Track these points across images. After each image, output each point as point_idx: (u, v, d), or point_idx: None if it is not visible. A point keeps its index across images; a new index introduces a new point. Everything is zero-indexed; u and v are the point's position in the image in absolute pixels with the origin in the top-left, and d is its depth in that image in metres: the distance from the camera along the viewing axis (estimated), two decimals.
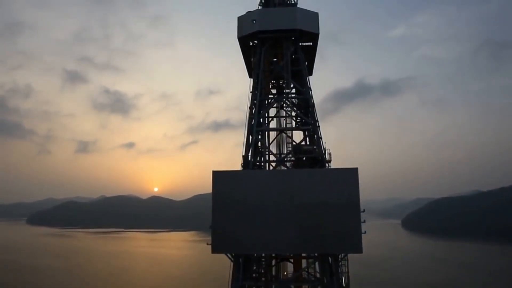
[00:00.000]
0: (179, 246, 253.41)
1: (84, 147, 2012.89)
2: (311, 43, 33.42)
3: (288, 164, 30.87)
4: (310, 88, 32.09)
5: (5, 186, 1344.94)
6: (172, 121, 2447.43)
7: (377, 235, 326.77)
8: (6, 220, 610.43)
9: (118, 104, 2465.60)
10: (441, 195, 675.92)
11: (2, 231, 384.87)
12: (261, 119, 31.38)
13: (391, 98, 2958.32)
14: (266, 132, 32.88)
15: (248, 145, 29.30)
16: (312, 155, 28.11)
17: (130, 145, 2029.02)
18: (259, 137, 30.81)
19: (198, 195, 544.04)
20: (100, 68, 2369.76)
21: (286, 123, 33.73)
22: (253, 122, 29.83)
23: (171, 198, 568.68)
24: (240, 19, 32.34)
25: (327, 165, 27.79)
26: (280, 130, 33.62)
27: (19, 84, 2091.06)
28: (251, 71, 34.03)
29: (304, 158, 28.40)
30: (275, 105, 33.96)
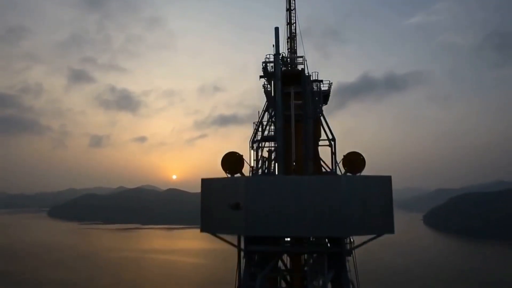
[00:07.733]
0: (195, 250, 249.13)
1: (97, 141, 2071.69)
2: None
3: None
4: None
5: (28, 178, 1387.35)
6: (179, 116, 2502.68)
7: (400, 233, 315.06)
8: (28, 211, 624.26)
9: (125, 102, 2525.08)
10: (462, 185, 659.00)
11: (21, 227, 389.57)
12: None
13: (399, 91, 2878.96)
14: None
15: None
16: None
17: (142, 139, 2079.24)
18: None
19: None
20: (104, 68, 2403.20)
21: None
22: None
23: (187, 190, 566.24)
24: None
25: None
26: None
27: (30, 83, 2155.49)
28: None
29: None
30: None
